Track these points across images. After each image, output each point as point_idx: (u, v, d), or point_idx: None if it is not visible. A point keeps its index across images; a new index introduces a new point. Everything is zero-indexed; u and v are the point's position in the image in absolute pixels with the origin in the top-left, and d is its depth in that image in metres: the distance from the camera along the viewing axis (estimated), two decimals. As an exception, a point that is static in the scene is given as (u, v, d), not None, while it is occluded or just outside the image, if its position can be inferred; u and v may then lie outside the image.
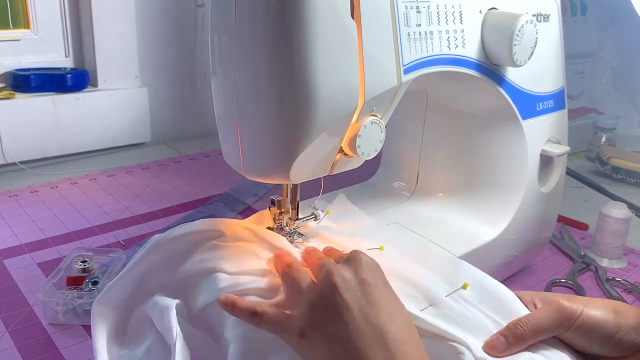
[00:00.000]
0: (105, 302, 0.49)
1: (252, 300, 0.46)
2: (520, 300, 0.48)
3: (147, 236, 0.84)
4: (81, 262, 0.68)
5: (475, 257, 0.62)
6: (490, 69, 0.60)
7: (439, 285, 0.50)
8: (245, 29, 0.44)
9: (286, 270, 0.47)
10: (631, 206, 0.92)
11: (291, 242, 0.55)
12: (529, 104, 0.66)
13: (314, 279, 0.45)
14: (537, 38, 0.59)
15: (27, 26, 1.17)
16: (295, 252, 0.51)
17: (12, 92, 1.10)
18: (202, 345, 0.50)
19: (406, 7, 0.50)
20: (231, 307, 0.46)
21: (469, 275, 0.51)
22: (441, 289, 0.49)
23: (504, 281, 0.73)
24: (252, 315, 0.45)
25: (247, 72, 0.46)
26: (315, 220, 0.58)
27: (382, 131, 0.51)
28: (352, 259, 0.45)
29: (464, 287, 0.50)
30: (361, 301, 0.42)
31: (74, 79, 1.16)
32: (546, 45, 0.66)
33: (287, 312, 0.45)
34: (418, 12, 0.52)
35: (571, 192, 1.04)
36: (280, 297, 0.46)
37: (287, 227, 0.57)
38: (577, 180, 1.05)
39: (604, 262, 0.79)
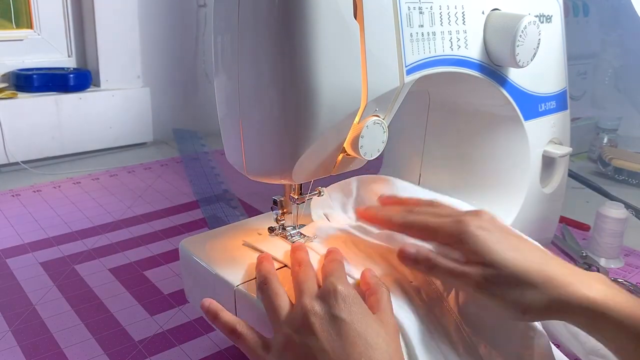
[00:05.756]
0: None
1: (232, 316, 0.46)
2: None
3: (150, 236, 0.85)
4: None
5: (477, 258, 0.62)
6: (492, 69, 0.60)
7: None
8: (248, 30, 0.45)
9: (263, 290, 0.46)
10: (631, 207, 0.92)
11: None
12: (531, 105, 0.66)
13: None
14: (539, 39, 0.59)
15: (30, 26, 1.17)
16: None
17: (14, 91, 1.11)
18: None
19: (409, 7, 0.51)
20: (213, 316, 0.46)
21: None
22: None
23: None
24: (231, 332, 0.45)
25: (249, 73, 0.46)
26: (319, 196, 0.58)
27: (384, 132, 0.51)
28: (326, 294, 0.43)
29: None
30: (334, 341, 0.40)
31: (76, 79, 1.16)
32: (548, 46, 0.66)
33: (263, 337, 0.44)
34: (421, 12, 0.52)
35: (573, 193, 1.03)
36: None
37: (289, 227, 0.57)
38: (577, 181, 1.05)
39: (602, 262, 0.79)
